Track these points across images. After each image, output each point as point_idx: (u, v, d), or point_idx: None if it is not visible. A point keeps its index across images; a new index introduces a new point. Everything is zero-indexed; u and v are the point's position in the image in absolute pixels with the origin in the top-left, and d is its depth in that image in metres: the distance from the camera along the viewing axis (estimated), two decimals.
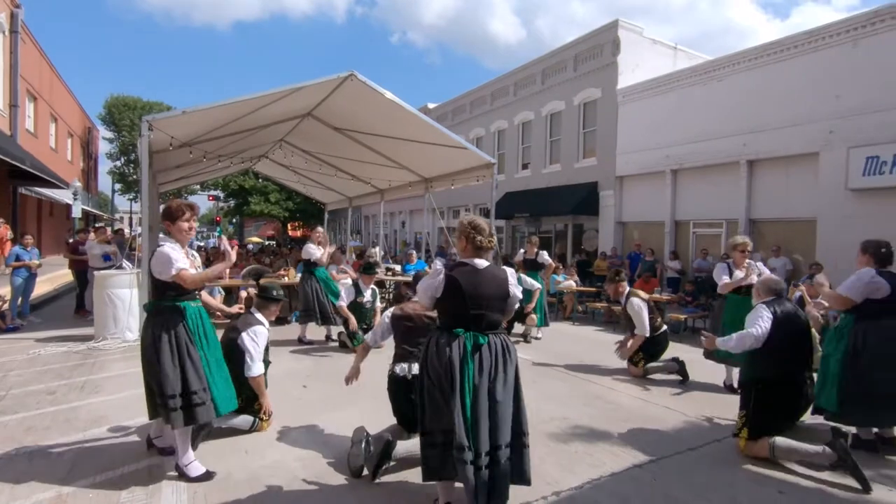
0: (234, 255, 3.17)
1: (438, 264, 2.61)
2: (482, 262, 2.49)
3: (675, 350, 5.94)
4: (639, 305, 5.52)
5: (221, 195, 30.85)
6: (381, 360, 5.79)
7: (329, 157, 11.56)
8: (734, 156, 11.57)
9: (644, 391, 5.02)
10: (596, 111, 15.24)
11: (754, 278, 4.52)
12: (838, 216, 9.63)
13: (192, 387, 2.83)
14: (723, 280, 4.88)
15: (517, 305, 2.64)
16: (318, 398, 4.50)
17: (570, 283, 10.96)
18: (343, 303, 6.27)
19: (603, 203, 14.97)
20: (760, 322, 3.37)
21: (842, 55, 9.83)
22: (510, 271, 2.64)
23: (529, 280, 7.35)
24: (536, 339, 7.55)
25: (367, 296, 6.48)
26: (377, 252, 14.17)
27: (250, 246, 26.19)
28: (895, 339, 3.43)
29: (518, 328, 7.61)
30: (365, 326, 6.28)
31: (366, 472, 2.98)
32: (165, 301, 2.93)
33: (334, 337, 6.92)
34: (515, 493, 2.79)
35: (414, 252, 12.73)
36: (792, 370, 3.45)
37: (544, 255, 8.04)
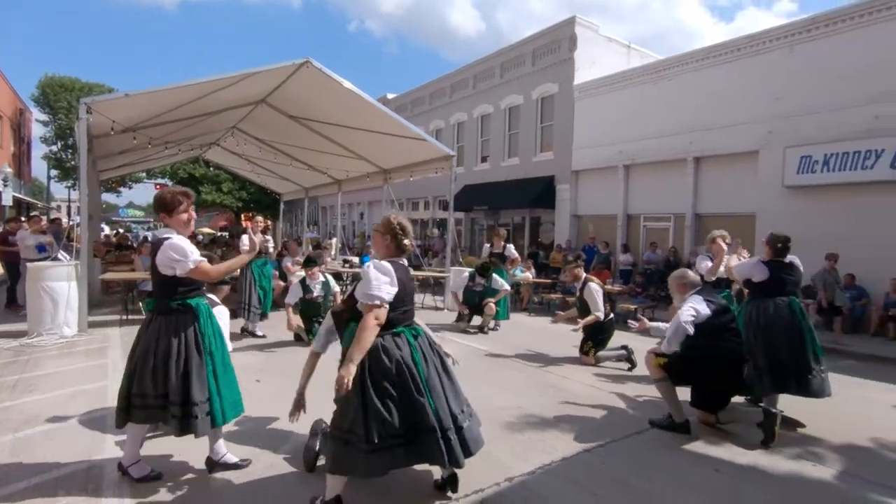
0: (256, 243, 3.19)
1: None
2: (404, 260, 2.63)
3: (623, 338, 6.18)
4: (596, 289, 5.76)
5: (170, 184, 29.49)
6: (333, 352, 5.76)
7: (284, 146, 11.27)
8: (682, 153, 12.07)
9: (595, 378, 5.20)
10: (553, 106, 15.51)
11: (734, 260, 4.83)
12: (775, 211, 10.22)
13: (194, 398, 2.64)
14: (705, 264, 5.02)
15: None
16: (272, 392, 4.41)
17: (526, 275, 11.16)
18: (290, 301, 6.14)
19: (559, 197, 15.30)
20: (693, 313, 3.61)
21: (780, 59, 10.40)
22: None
23: (500, 280, 7.46)
24: (493, 330, 7.66)
25: (317, 290, 6.34)
26: (334, 244, 13.96)
27: (200, 237, 25.24)
28: (776, 314, 4.02)
29: (476, 320, 7.70)
30: (319, 321, 6.19)
31: (322, 463, 2.95)
32: (175, 300, 2.70)
33: (251, 330, 6.75)
34: (468, 480, 2.87)
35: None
36: (725, 351, 3.68)
37: (511, 249, 8.17)
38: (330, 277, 6.69)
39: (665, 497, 2.81)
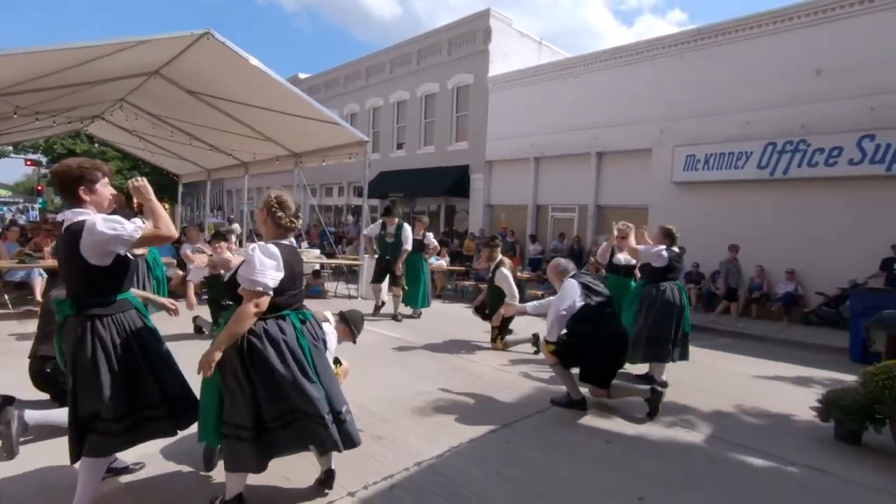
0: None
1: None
2: (291, 240, 2.51)
3: (528, 322, 6.50)
4: (506, 274, 5.85)
5: (44, 160, 26.05)
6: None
7: (182, 124, 10.39)
8: (586, 148, 12.83)
9: (503, 362, 5.43)
10: (468, 96, 15.75)
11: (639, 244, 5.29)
12: (665, 204, 11.23)
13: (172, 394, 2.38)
14: (603, 247, 5.94)
15: None
16: None
17: (440, 262, 11.32)
18: (192, 278, 5.74)
19: (473, 186, 15.64)
20: (566, 307, 3.94)
21: (671, 65, 11.37)
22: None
23: (408, 237, 7.43)
24: (412, 318, 7.66)
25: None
26: (236, 229, 13.20)
27: None
28: (671, 295, 4.70)
29: (388, 308, 7.70)
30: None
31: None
32: (109, 295, 2.24)
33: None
34: (377, 466, 2.89)
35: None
36: (606, 336, 3.97)
37: (430, 238, 8.17)
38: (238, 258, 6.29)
39: (562, 469, 3.02)
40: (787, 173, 9.63)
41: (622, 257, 5.62)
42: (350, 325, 3.43)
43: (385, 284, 7.84)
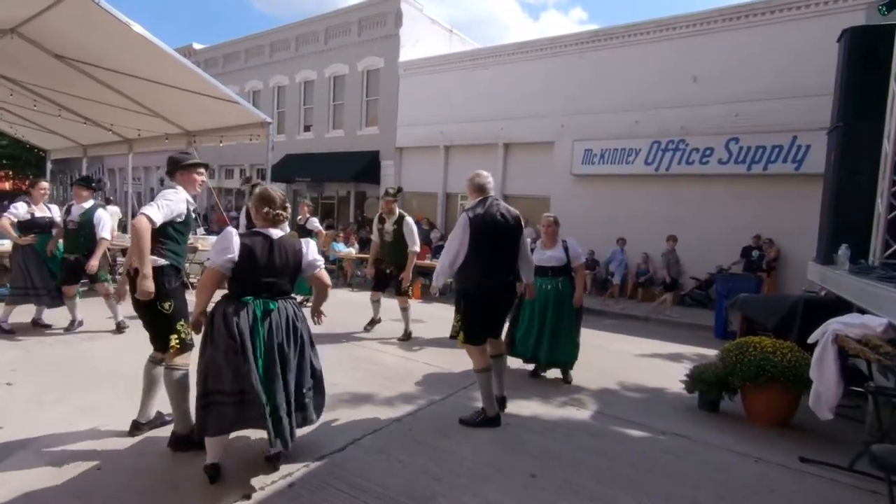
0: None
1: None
2: (276, 232, 2.66)
3: (439, 309, 6.61)
4: (413, 223, 5.73)
5: None
6: (118, 344, 5.01)
7: (49, 92, 9.09)
8: (494, 138, 13.20)
9: (406, 350, 5.49)
10: (379, 80, 15.47)
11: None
12: (565, 195, 11.92)
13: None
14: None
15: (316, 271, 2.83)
16: (28, 394, 3.65)
17: (349, 249, 11.12)
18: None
19: (384, 172, 15.48)
20: (454, 240, 3.51)
21: (572, 63, 12.00)
22: (308, 242, 2.81)
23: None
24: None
25: (75, 216, 5.36)
26: (116, 212, 11.95)
27: None
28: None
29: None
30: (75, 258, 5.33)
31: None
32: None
33: (46, 321, 5.62)
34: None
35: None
36: (489, 285, 3.50)
37: (314, 222, 7.85)
38: (106, 212, 5.64)
39: (461, 451, 3.14)
40: (669, 170, 10.65)
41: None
42: None
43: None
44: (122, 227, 11.73)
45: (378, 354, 5.26)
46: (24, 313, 5.47)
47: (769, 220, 9.64)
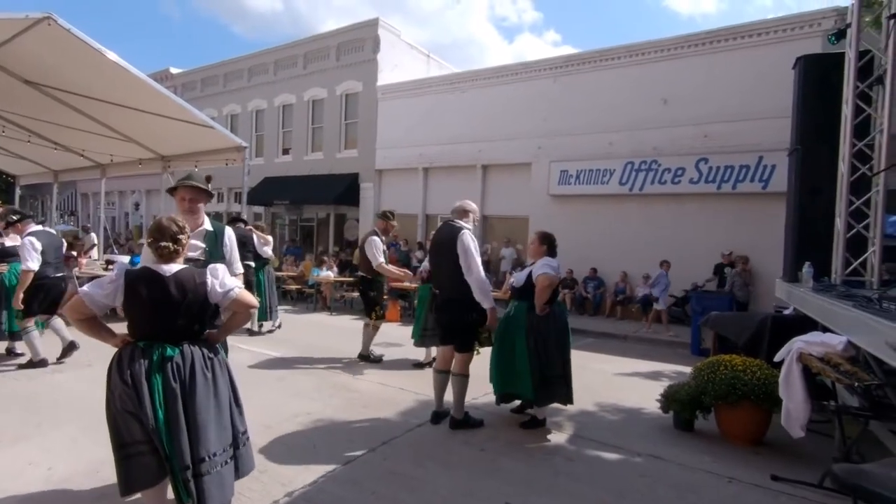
0: None
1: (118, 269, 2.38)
2: (170, 268, 2.33)
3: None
4: (377, 242, 5.72)
5: None
6: (86, 377, 4.84)
7: (18, 118, 8.95)
8: (472, 160, 13.36)
9: (384, 376, 5.42)
10: (357, 104, 15.60)
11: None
12: (543, 215, 12.06)
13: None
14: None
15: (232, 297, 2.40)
16: None
17: (328, 273, 11.03)
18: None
19: (363, 194, 15.49)
20: (476, 256, 3.91)
21: (547, 87, 12.29)
22: (216, 269, 2.44)
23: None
24: (267, 332, 7.30)
25: None
26: (92, 239, 11.69)
27: None
28: (562, 321, 4.11)
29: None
30: None
31: None
32: None
33: (18, 351, 5.45)
34: (244, 501, 2.71)
35: (144, 242, 10.89)
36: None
37: (266, 250, 7.62)
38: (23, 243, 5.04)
39: (437, 480, 3.09)
40: (642, 189, 10.89)
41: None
42: None
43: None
44: (101, 252, 11.47)
45: (356, 381, 5.18)
46: None
47: (739, 237, 9.89)
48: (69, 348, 5.30)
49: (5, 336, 5.25)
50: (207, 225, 2.98)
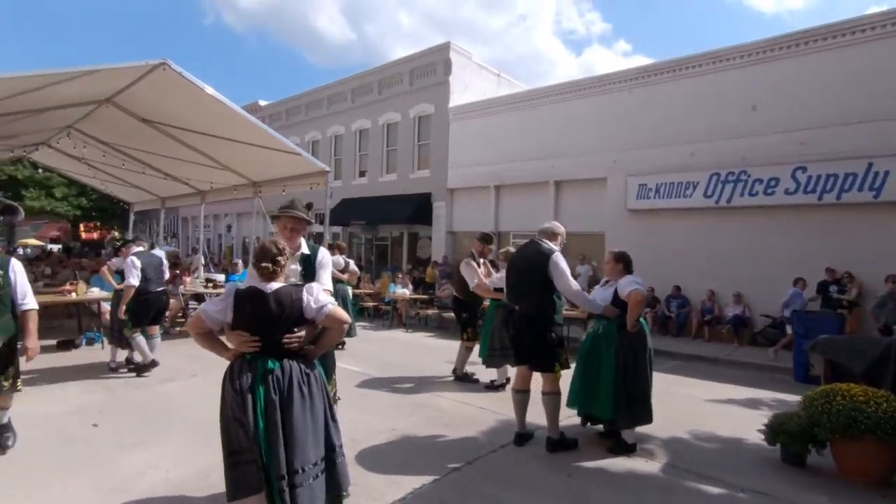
0: None
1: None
2: (271, 286, 2.49)
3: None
4: (473, 265, 5.80)
5: None
6: (191, 387, 5.26)
7: (135, 152, 10.07)
8: (544, 176, 13.21)
9: (463, 394, 5.42)
10: (430, 125, 16.01)
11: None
12: (620, 230, 11.64)
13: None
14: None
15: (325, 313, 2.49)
16: (113, 438, 3.89)
17: (403, 290, 11.29)
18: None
19: (436, 213, 15.77)
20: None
21: (622, 99, 11.96)
22: (311, 287, 2.56)
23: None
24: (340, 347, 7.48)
25: None
26: (199, 260, 12.79)
27: (27, 250, 21.45)
28: (647, 339, 4.00)
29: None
30: None
31: None
32: None
33: (137, 358, 6.05)
34: None
35: (240, 261, 11.77)
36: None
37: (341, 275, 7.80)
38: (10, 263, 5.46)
39: None
40: (730, 202, 10.21)
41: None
42: None
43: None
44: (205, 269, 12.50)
45: (437, 399, 5.22)
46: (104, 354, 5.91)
47: (844, 252, 8.97)
48: (150, 365, 5.78)
49: (124, 345, 5.86)
50: (304, 248, 3.10)
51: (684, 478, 3.50)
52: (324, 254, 3.18)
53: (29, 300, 3.42)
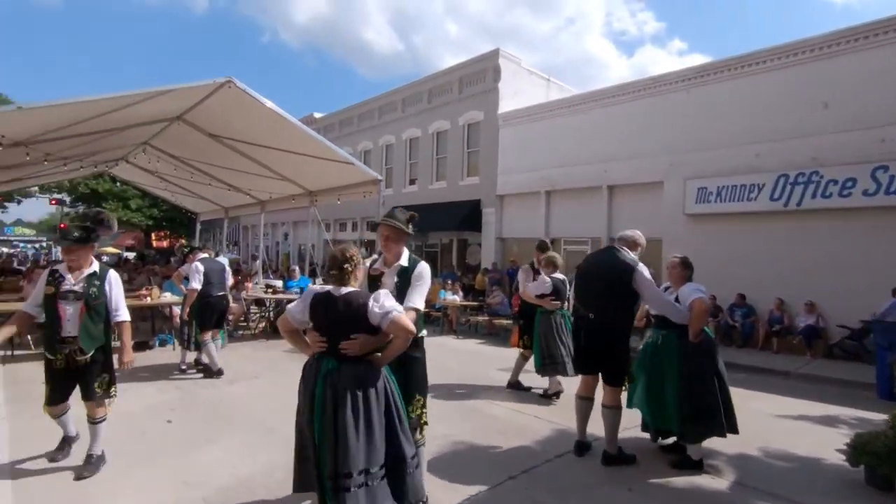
0: None
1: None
2: (342, 290, 2.54)
3: None
4: (528, 271, 5.97)
5: (67, 199, 26.88)
6: (254, 388, 5.50)
7: (203, 165, 10.72)
8: (597, 181, 12.92)
9: (517, 402, 5.36)
10: (479, 132, 16.05)
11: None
12: (678, 236, 11.17)
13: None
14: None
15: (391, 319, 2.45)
16: (184, 434, 4.13)
17: (454, 297, 11.33)
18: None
19: (485, 220, 15.75)
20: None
21: (678, 100, 11.53)
22: (379, 294, 2.55)
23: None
24: None
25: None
26: (258, 265, 13.39)
27: (105, 258, 23.18)
28: (713, 350, 3.83)
29: None
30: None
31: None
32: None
33: (205, 360, 6.40)
34: None
35: (297, 268, 12.22)
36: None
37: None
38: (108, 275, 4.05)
39: None
40: (800, 205, 9.58)
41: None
42: None
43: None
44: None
45: (490, 406, 5.20)
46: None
47: None
48: (217, 373, 6.06)
49: (193, 347, 6.22)
50: (404, 260, 2.98)
51: (755, 497, 3.31)
52: (422, 269, 2.97)
53: (122, 312, 3.54)
